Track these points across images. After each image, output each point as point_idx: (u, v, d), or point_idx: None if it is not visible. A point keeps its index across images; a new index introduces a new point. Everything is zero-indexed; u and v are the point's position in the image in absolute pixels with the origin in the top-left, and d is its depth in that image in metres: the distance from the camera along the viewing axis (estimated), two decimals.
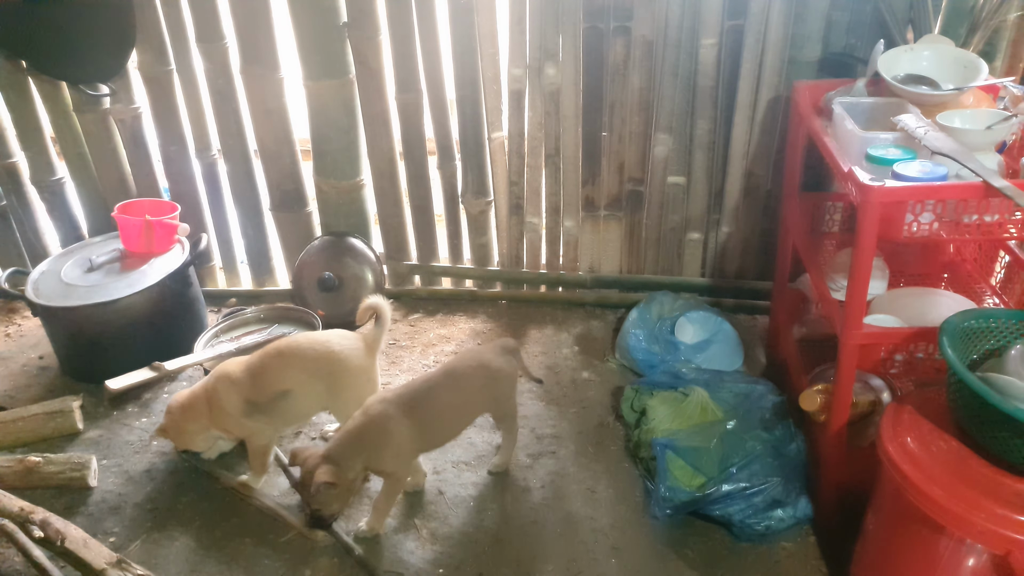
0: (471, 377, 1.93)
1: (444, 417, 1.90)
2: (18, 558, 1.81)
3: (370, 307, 1.95)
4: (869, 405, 1.79)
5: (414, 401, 1.83)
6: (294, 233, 2.85)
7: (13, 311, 2.91)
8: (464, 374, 1.92)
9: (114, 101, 2.64)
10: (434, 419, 1.86)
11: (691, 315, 2.48)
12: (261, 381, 1.94)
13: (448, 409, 1.90)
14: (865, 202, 1.47)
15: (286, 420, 2.01)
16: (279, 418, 1.98)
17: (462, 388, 1.91)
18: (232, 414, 1.95)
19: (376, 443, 1.76)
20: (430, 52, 2.48)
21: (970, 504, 1.27)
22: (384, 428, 1.77)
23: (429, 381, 1.89)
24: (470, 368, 1.94)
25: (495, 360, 1.96)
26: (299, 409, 1.99)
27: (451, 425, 1.95)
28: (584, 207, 2.68)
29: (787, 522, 1.84)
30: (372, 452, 1.76)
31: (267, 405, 1.94)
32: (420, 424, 1.82)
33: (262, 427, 1.97)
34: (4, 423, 2.21)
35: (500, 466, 2.08)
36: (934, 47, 1.90)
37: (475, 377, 1.93)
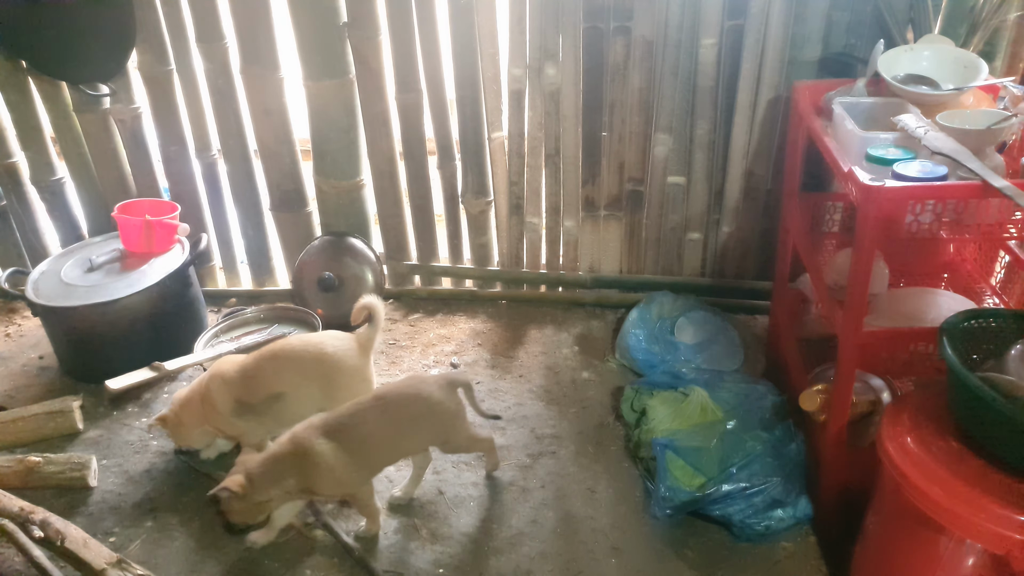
0: (404, 406, 1.85)
1: (374, 443, 1.82)
2: (18, 558, 1.81)
3: (364, 307, 1.95)
4: (869, 405, 1.78)
5: (340, 427, 1.77)
6: (294, 233, 2.85)
7: (13, 311, 2.91)
8: (396, 402, 1.84)
9: (114, 101, 2.64)
10: (363, 445, 1.79)
11: (691, 315, 2.48)
12: (254, 383, 1.94)
13: (378, 436, 1.82)
14: (865, 202, 1.47)
15: (279, 421, 2.00)
16: (272, 419, 1.98)
17: (392, 416, 1.83)
18: (222, 413, 1.95)
19: (301, 469, 1.73)
20: (430, 52, 2.49)
21: (970, 504, 1.27)
22: (305, 454, 1.73)
23: (359, 406, 1.82)
24: (404, 396, 1.86)
25: (434, 392, 1.87)
26: (292, 411, 1.99)
27: (385, 452, 1.87)
28: (584, 207, 2.68)
29: (787, 522, 1.84)
30: (301, 477, 1.73)
31: (259, 406, 1.94)
32: (348, 450, 1.76)
33: (253, 427, 1.97)
34: (4, 423, 2.21)
35: (489, 468, 2.07)
36: (934, 47, 1.90)
37: (409, 406, 1.85)
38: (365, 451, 1.80)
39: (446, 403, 1.89)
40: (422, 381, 1.90)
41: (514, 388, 2.42)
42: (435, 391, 1.87)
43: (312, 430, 1.76)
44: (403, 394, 1.87)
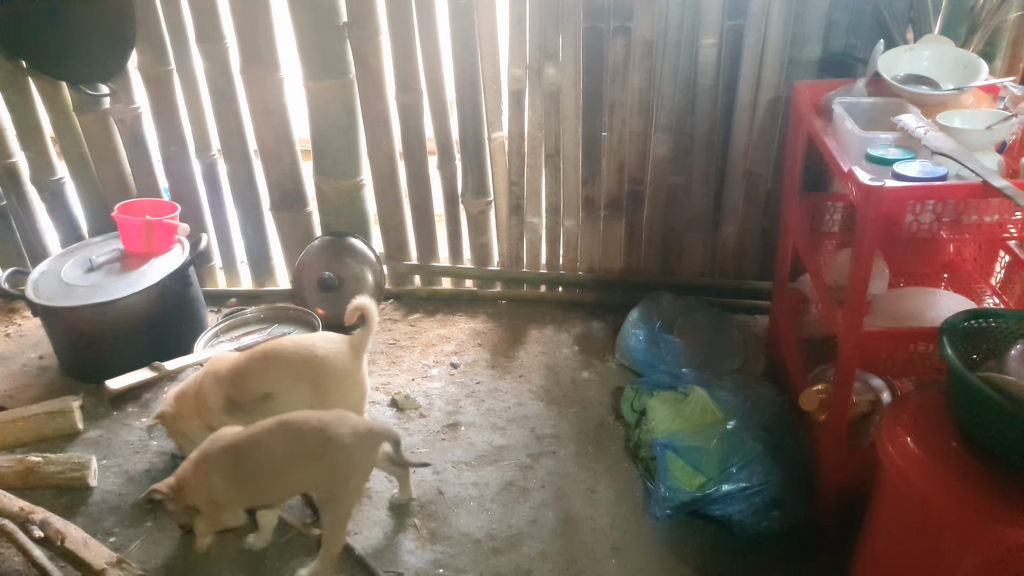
0: (302, 439, 1.70)
1: (264, 471, 1.72)
2: (18, 558, 1.81)
3: (358, 308, 1.94)
4: (869, 405, 1.79)
5: (239, 444, 1.72)
6: (294, 233, 2.85)
7: (13, 311, 2.91)
8: (297, 433, 1.71)
9: (114, 101, 2.64)
10: (253, 470, 1.71)
11: (691, 315, 2.48)
12: (244, 382, 1.94)
13: (269, 463, 1.71)
14: (865, 202, 1.47)
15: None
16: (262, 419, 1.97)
17: (286, 447, 1.71)
18: (214, 410, 1.95)
19: (194, 479, 1.71)
20: (430, 52, 2.49)
21: (970, 504, 1.27)
22: (199, 466, 1.70)
23: (261, 426, 1.74)
24: (308, 430, 1.71)
25: (346, 437, 1.69)
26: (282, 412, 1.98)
27: (271, 483, 1.74)
28: (584, 207, 2.68)
29: (787, 522, 1.84)
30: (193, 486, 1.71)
31: (249, 405, 1.94)
32: (239, 472, 1.70)
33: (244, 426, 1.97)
34: (4, 423, 2.21)
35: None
36: (934, 47, 1.90)
37: (308, 441, 1.70)
38: (254, 479, 1.72)
39: (354, 453, 1.71)
40: (341, 420, 1.73)
41: (514, 388, 2.42)
42: (347, 436, 1.70)
43: (216, 443, 1.74)
44: (309, 427, 1.71)
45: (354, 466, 1.74)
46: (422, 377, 2.49)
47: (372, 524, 1.95)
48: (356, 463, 1.74)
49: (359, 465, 1.76)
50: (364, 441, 1.74)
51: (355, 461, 1.73)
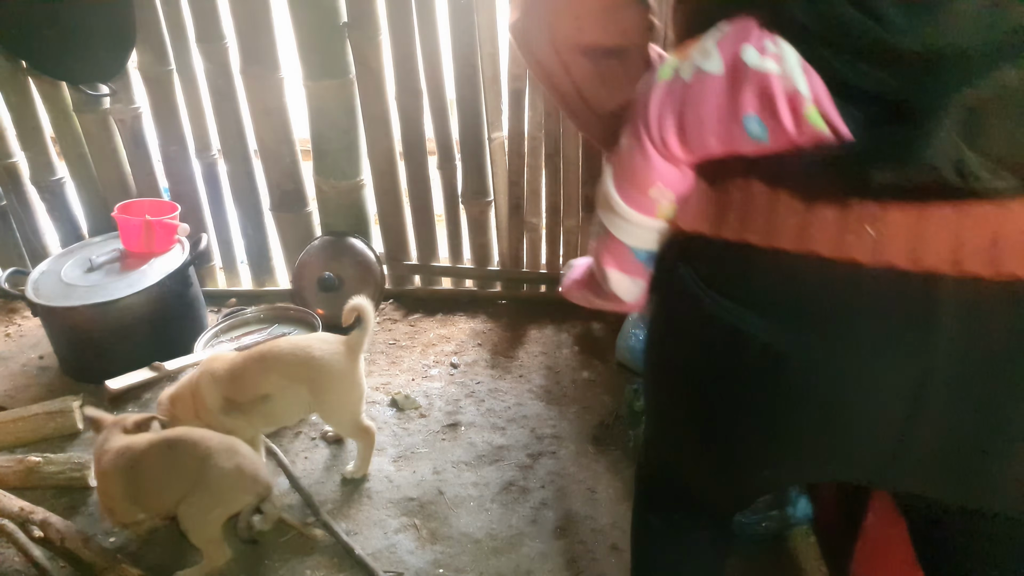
0: (178, 456, 1.71)
1: (148, 481, 1.71)
2: (18, 558, 1.81)
3: (354, 308, 1.94)
4: None
5: (136, 448, 1.72)
6: (294, 233, 2.85)
7: (13, 311, 2.91)
8: (175, 448, 1.72)
9: (114, 101, 2.64)
10: (138, 477, 1.71)
11: None
12: (241, 383, 1.94)
13: (153, 474, 1.71)
14: None
15: (267, 422, 2.01)
16: (260, 419, 1.98)
17: (164, 461, 1.71)
18: (211, 410, 1.95)
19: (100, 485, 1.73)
20: (430, 52, 2.49)
21: None
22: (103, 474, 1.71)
23: (151, 438, 1.76)
24: (189, 444, 1.71)
25: (224, 463, 1.68)
26: (279, 413, 1.99)
27: (154, 495, 1.73)
28: (584, 207, 2.68)
29: (787, 522, 1.84)
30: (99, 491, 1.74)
31: (246, 406, 1.94)
32: (131, 476, 1.71)
33: (242, 426, 1.97)
34: (4, 423, 2.21)
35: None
36: None
37: (187, 457, 1.70)
38: (139, 487, 1.72)
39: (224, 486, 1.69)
40: (229, 451, 1.71)
41: (514, 388, 2.42)
42: (224, 462, 1.68)
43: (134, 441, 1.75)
44: (192, 440, 1.72)
45: (223, 497, 1.71)
46: (422, 377, 2.49)
47: (372, 524, 1.95)
48: (226, 496, 1.71)
49: (227, 499, 1.72)
50: (239, 481, 1.71)
51: (225, 493, 1.70)
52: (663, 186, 0.86)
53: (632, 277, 0.97)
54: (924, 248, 0.72)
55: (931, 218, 0.72)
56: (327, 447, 2.21)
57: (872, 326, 0.77)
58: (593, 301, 1.06)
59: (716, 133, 0.78)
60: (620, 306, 1.02)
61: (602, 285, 0.99)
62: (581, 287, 1.07)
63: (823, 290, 0.78)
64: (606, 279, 0.98)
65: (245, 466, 1.72)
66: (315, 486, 2.06)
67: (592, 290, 1.04)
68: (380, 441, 2.17)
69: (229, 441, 1.76)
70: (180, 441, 1.74)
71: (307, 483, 2.06)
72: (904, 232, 0.73)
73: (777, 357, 0.80)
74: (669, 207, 0.89)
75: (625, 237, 0.92)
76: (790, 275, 0.79)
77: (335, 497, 2.03)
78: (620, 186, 0.89)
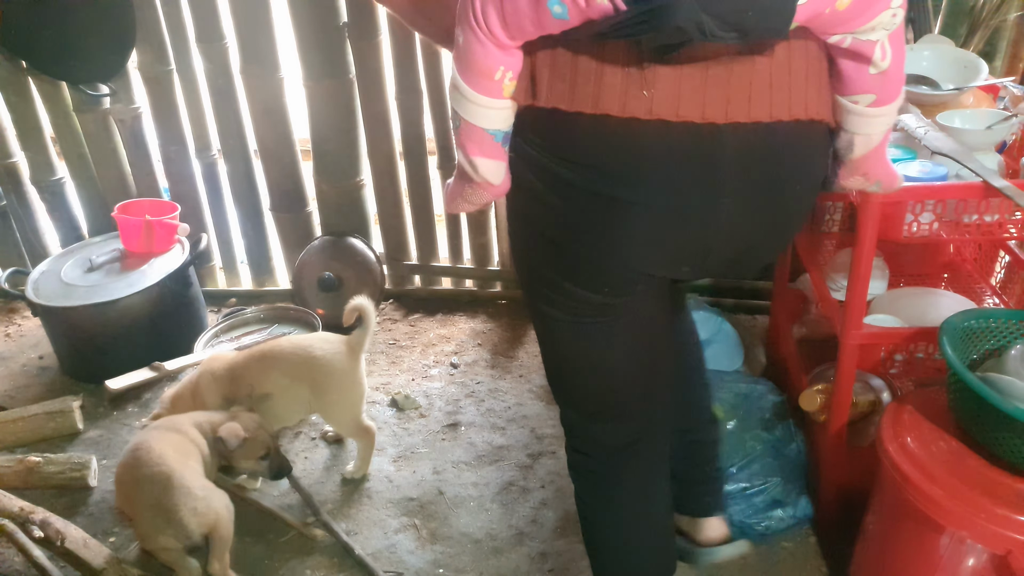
0: (127, 471, 1.74)
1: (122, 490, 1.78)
2: (18, 558, 1.81)
3: (355, 308, 1.94)
4: (869, 405, 1.78)
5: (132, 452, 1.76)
6: (294, 233, 2.85)
7: (13, 311, 2.91)
8: (143, 465, 1.71)
9: (114, 101, 2.64)
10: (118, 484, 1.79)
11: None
12: (241, 382, 1.94)
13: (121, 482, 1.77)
14: (865, 202, 1.47)
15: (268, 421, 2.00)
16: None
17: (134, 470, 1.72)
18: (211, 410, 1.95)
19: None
20: (430, 52, 2.48)
21: (970, 504, 1.27)
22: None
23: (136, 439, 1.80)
24: (147, 466, 1.69)
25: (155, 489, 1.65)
26: (280, 412, 1.99)
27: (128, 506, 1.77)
28: None
29: (787, 522, 1.84)
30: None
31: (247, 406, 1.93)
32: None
33: None
34: (4, 423, 2.21)
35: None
36: (934, 47, 1.90)
37: (132, 473, 1.71)
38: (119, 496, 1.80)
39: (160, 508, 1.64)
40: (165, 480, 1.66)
41: (514, 388, 2.42)
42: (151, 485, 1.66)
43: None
44: (148, 470, 1.69)
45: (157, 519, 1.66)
46: (422, 377, 2.49)
47: (372, 524, 1.95)
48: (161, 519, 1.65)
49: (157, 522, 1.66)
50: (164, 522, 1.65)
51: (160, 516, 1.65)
52: (504, 68, 1.01)
53: (494, 160, 1.09)
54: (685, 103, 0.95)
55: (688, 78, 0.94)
56: (327, 447, 2.21)
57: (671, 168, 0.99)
58: (471, 199, 1.16)
59: (529, 18, 0.93)
60: (491, 191, 1.13)
61: (472, 177, 1.11)
62: (456, 195, 1.17)
63: (625, 144, 0.99)
64: (475, 168, 1.09)
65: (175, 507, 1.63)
66: (315, 486, 2.06)
67: (465, 189, 1.14)
68: (380, 441, 2.17)
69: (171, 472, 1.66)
70: (142, 456, 1.71)
71: (307, 483, 2.06)
72: (669, 91, 0.95)
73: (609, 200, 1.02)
74: (511, 86, 1.03)
75: (481, 121, 1.05)
76: (598, 134, 0.99)
77: (335, 497, 2.03)
78: (467, 76, 1.02)
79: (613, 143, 0.99)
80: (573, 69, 0.98)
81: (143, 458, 1.70)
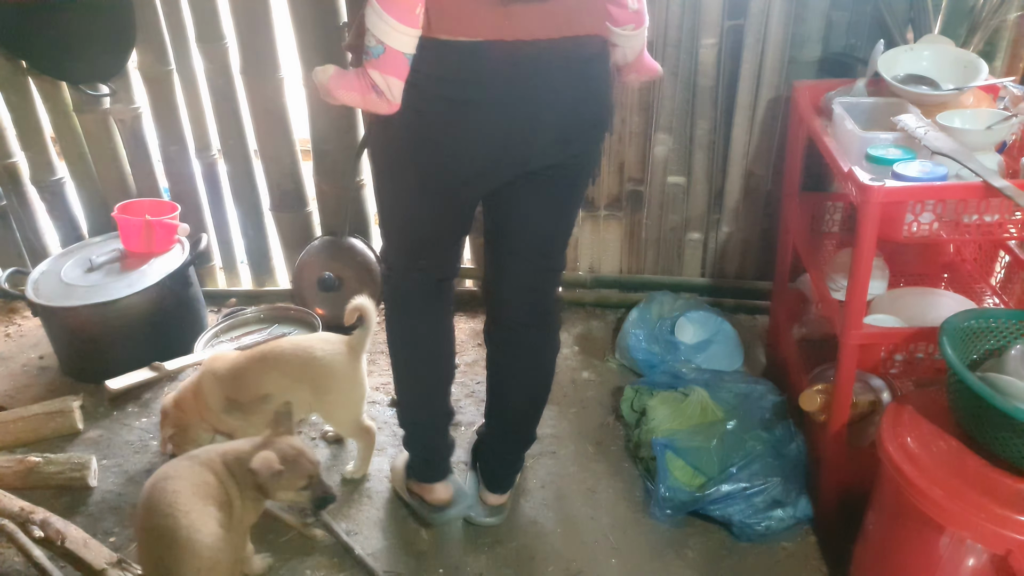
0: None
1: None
2: (18, 558, 1.81)
3: (356, 308, 1.93)
4: (869, 405, 1.79)
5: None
6: (294, 233, 2.85)
7: (13, 311, 2.91)
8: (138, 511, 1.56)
9: (114, 101, 2.64)
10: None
11: (691, 315, 2.48)
12: (243, 382, 1.94)
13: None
14: (865, 202, 1.47)
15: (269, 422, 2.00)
16: (262, 419, 1.97)
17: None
18: (214, 410, 1.95)
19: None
20: None
21: (970, 504, 1.27)
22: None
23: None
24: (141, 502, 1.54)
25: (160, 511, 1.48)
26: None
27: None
28: (584, 207, 2.68)
29: (787, 522, 1.84)
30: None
31: (248, 406, 1.94)
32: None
33: (244, 426, 1.97)
34: (4, 423, 2.21)
35: None
36: (934, 47, 1.90)
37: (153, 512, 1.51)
38: None
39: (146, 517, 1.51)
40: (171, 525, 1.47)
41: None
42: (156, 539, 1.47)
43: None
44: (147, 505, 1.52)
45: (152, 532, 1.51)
46: None
47: (372, 524, 1.95)
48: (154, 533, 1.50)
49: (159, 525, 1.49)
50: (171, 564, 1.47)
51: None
52: (421, 4, 1.32)
53: (402, 80, 1.38)
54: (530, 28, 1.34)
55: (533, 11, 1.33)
56: (327, 447, 2.21)
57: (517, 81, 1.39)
58: (370, 104, 1.41)
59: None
60: (391, 107, 1.40)
61: (384, 93, 1.38)
62: (350, 89, 1.41)
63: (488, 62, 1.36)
64: (389, 87, 1.38)
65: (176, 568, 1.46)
66: None
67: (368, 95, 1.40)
68: (380, 441, 2.17)
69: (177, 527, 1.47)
70: (155, 493, 1.53)
71: None
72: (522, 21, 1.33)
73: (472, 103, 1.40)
74: (422, 16, 1.33)
75: (404, 47, 1.35)
76: (471, 55, 1.35)
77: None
78: (391, 10, 1.31)
79: (483, 61, 1.36)
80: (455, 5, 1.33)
81: (154, 503, 1.50)
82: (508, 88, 1.39)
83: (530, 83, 1.40)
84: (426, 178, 1.51)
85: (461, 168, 1.49)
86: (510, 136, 1.44)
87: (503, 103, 1.40)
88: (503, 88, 1.38)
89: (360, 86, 1.40)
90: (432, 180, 1.51)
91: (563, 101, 1.44)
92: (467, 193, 1.57)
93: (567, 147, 1.51)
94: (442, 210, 1.59)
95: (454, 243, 1.72)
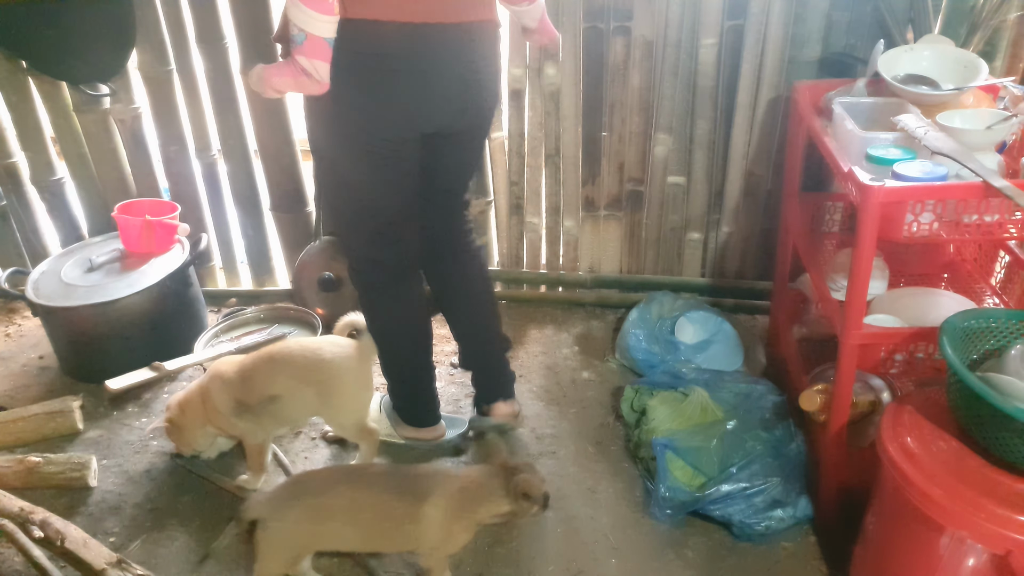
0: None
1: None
2: (18, 558, 1.81)
3: (348, 324, 1.98)
4: (869, 405, 1.79)
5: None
6: (294, 233, 2.85)
7: (13, 311, 2.91)
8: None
9: (114, 101, 2.64)
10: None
11: (691, 315, 2.48)
12: (251, 384, 1.94)
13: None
14: (865, 202, 1.47)
15: (277, 423, 2.01)
16: (269, 421, 1.98)
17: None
18: (223, 413, 1.95)
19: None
20: None
21: (970, 504, 1.27)
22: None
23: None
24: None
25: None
26: (288, 414, 1.99)
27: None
28: (584, 207, 2.68)
29: (787, 522, 1.84)
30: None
31: (257, 407, 1.94)
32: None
33: (253, 427, 1.97)
34: (4, 423, 2.21)
35: None
36: (934, 47, 1.90)
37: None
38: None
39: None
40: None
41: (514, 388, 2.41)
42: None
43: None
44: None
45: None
46: None
47: None
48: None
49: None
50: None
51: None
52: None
53: (327, 62, 1.56)
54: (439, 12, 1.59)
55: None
56: (327, 447, 2.21)
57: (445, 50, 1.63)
58: (304, 87, 1.60)
59: None
60: (321, 87, 1.59)
61: (312, 75, 1.56)
62: (283, 75, 1.59)
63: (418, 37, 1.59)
64: (316, 69, 1.56)
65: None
66: None
67: (300, 79, 1.57)
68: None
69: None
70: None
71: None
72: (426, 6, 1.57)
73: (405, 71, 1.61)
74: (336, 3, 1.52)
75: (324, 32, 1.53)
76: (401, 33, 1.57)
77: None
78: (308, 2, 1.49)
79: (395, 37, 1.57)
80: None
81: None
82: (417, 61, 1.61)
83: (437, 58, 1.63)
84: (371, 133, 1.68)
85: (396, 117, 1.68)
86: (425, 100, 1.66)
87: (411, 72, 1.62)
88: (413, 61, 1.60)
89: (291, 71, 1.58)
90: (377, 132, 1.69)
91: (462, 75, 1.68)
92: (406, 151, 1.74)
93: (464, 116, 1.75)
94: (390, 175, 1.76)
95: (408, 219, 1.90)
